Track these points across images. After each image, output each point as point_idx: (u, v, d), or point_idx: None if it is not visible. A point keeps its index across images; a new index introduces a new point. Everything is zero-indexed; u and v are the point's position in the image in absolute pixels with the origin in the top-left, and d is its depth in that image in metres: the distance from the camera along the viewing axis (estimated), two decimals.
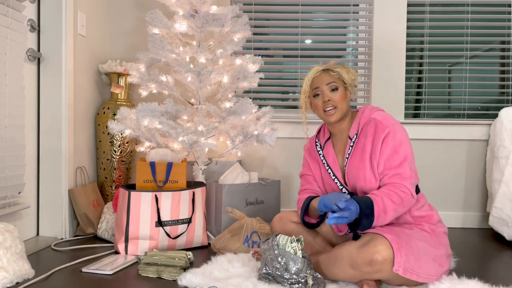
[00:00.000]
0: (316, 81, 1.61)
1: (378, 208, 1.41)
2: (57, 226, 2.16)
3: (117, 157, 2.47)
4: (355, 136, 1.59)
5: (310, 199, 1.62)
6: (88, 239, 2.17)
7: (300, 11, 2.74)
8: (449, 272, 1.60)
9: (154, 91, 2.25)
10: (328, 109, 1.57)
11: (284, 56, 2.81)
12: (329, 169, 1.65)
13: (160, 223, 1.91)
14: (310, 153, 1.75)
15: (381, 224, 1.45)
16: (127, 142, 2.50)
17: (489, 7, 2.67)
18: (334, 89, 1.58)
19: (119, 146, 2.47)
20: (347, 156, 1.60)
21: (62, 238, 2.17)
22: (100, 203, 2.38)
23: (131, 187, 2.08)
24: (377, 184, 1.53)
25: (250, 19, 2.70)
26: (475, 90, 2.71)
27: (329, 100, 1.57)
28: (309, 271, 1.43)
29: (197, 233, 2.03)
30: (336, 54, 2.77)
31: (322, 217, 1.64)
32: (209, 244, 2.11)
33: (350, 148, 1.59)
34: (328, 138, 1.70)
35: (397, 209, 1.45)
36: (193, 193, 2.03)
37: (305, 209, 1.62)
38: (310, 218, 1.65)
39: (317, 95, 1.61)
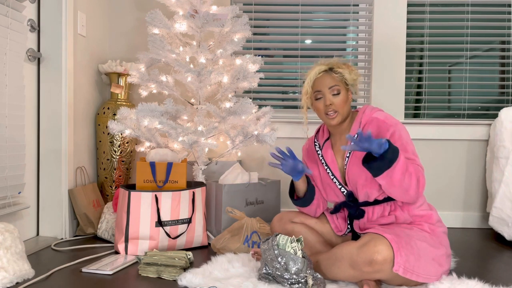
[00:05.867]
0: (318, 84, 1.59)
1: (402, 158, 1.40)
2: (57, 226, 2.16)
3: (117, 157, 2.47)
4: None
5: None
6: (88, 239, 2.17)
7: (300, 11, 2.74)
8: (449, 272, 1.60)
9: (154, 91, 2.25)
10: (330, 112, 1.57)
11: (284, 56, 2.81)
12: (328, 169, 1.65)
13: (160, 223, 1.91)
14: (308, 154, 1.76)
15: (397, 178, 1.39)
16: (127, 142, 2.50)
17: (489, 7, 2.67)
18: (337, 93, 1.58)
19: (119, 146, 2.47)
20: (348, 155, 1.60)
21: (62, 238, 2.17)
22: (100, 203, 2.38)
23: (131, 187, 2.08)
24: (378, 183, 1.53)
25: (250, 19, 2.70)
26: (475, 90, 2.71)
27: (331, 104, 1.56)
28: (309, 271, 1.43)
29: (197, 233, 2.03)
30: (336, 54, 2.76)
31: (312, 191, 1.67)
32: (209, 244, 2.11)
33: None
34: (327, 139, 1.70)
35: (417, 178, 1.43)
36: (193, 193, 2.03)
37: (291, 186, 1.72)
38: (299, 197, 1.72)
39: (319, 98, 1.60)
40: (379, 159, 1.38)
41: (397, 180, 1.40)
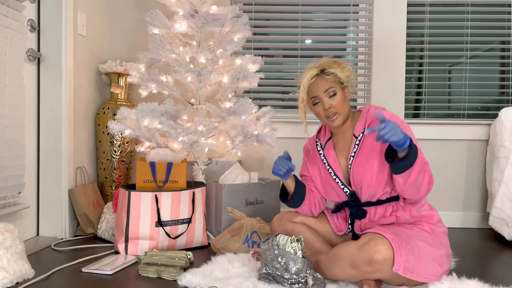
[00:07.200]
0: (312, 90, 1.57)
1: (419, 157, 1.41)
2: (57, 226, 2.16)
3: (117, 157, 2.47)
4: (361, 135, 1.59)
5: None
6: (88, 239, 2.17)
7: (300, 11, 2.74)
8: (449, 272, 1.60)
9: (154, 91, 2.25)
10: (330, 115, 1.56)
11: (284, 56, 2.81)
12: (330, 169, 1.65)
13: (160, 223, 1.91)
14: (308, 154, 1.75)
15: (413, 176, 1.40)
16: (127, 142, 2.50)
17: (489, 7, 2.67)
18: (333, 95, 1.56)
19: (119, 146, 2.47)
20: (353, 154, 1.59)
21: (62, 238, 2.17)
22: (100, 203, 2.38)
23: (131, 187, 2.08)
24: (383, 182, 1.52)
25: (250, 19, 2.70)
26: (475, 90, 2.71)
27: (330, 107, 1.55)
28: (309, 271, 1.43)
29: (197, 233, 2.03)
30: (336, 54, 2.76)
31: (301, 191, 1.66)
32: (209, 244, 2.11)
33: (356, 146, 1.58)
34: (329, 138, 1.69)
35: (429, 178, 1.44)
36: (193, 193, 2.03)
37: (282, 188, 1.71)
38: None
39: (317, 103, 1.58)
40: (405, 158, 1.37)
41: (413, 179, 1.40)
